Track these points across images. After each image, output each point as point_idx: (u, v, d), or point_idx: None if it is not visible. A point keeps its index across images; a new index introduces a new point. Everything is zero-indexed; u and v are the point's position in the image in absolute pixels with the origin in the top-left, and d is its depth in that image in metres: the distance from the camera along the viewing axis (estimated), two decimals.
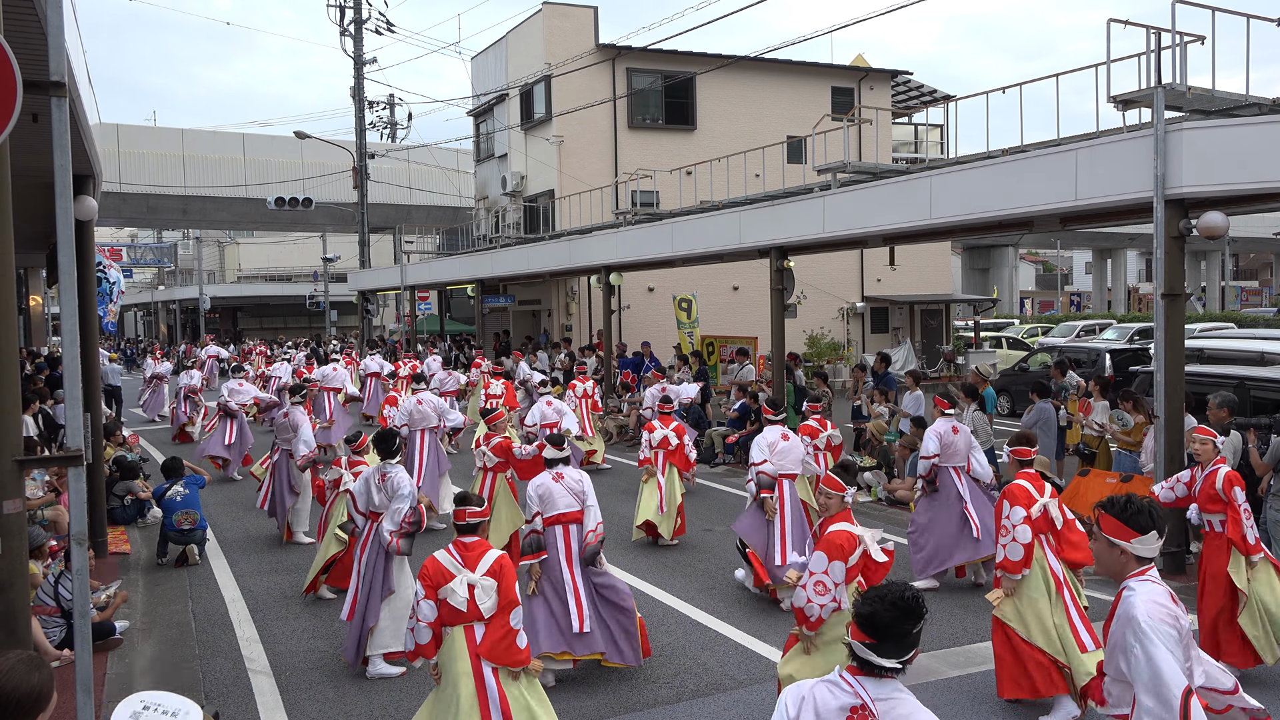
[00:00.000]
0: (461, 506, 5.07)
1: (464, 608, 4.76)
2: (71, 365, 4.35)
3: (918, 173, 12.77)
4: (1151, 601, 3.32)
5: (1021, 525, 6.01)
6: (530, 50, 26.68)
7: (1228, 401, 8.55)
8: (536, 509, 6.50)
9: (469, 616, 4.78)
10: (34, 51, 5.42)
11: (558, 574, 6.49)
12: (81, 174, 9.45)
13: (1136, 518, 3.54)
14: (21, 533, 4.40)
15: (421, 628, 4.79)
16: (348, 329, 46.70)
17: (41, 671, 2.73)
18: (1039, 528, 6.12)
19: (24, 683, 2.67)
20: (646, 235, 18.26)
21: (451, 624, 4.80)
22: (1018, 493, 6.20)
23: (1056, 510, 6.27)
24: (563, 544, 6.51)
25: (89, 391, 9.85)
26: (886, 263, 28.65)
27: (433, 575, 4.81)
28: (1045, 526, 6.19)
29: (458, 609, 4.76)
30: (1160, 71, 9.54)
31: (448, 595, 4.75)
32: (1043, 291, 68.80)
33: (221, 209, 37.79)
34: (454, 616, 4.79)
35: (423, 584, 4.81)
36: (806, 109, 26.43)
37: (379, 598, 6.75)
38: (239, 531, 11.29)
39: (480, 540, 4.99)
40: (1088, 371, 16.36)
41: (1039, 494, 6.25)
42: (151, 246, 60.59)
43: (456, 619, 4.79)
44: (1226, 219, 8.66)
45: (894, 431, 13.26)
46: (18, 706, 2.64)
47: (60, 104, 4.25)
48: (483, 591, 4.77)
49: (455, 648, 4.79)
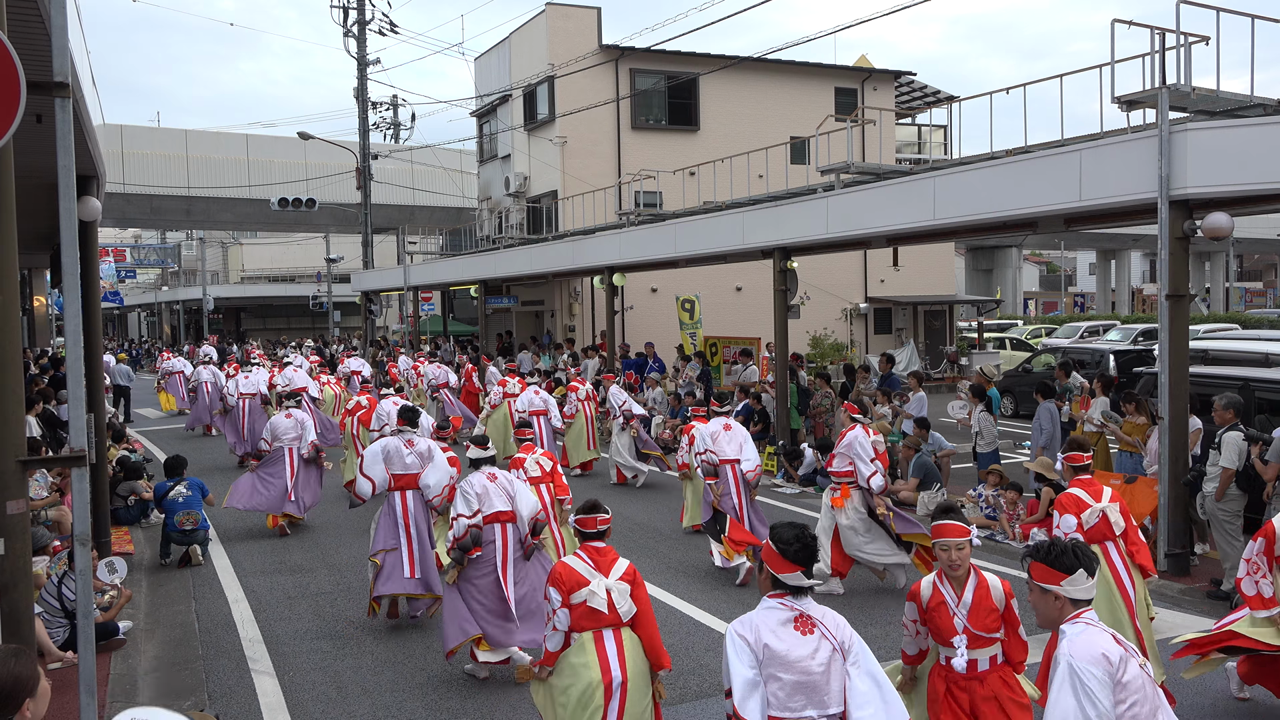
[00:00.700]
0: (590, 514, 5.03)
1: (605, 609, 4.75)
2: (75, 366, 4.35)
3: (921, 173, 12.76)
4: (1079, 641, 3.28)
5: (1074, 534, 5.93)
6: (533, 51, 26.69)
7: (1233, 403, 8.52)
8: (477, 506, 6.57)
9: (608, 620, 4.75)
10: (38, 52, 5.43)
11: (490, 567, 6.60)
12: (85, 175, 9.45)
13: (1061, 559, 3.52)
14: (25, 533, 4.40)
15: (557, 636, 4.76)
16: (351, 330, 46.72)
17: (20, 659, 2.74)
18: (1095, 535, 6.00)
19: (3, 671, 2.68)
20: (649, 236, 18.26)
21: (584, 629, 4.75)
22: (1067, 501, 6.10)
23: (1118, 514, 6.10)
24: (500, 541, 6.62)
25: (92, 392, 9.86)
26: (890, 263, 28.59)
27: (567, 581, 4.77)
28: (1105, 533, 6.05)
29: (598, 611, 4.74)
30: (1165, 72, 9.51)
31: (587, 598, 4.72)
32: (1046, 292, 68.72)
33: (225, 210, 37.81)
34: (591, 620, 4.75)
35: (558, 590, 4.75)
36: (810, 110, 26.41)
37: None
38: (242, 532, 11.30)
39: (609, 546, 5.00)
40: (1091, 372, 16.33)
41: (1095, 499, 6.10)
42: (155, 247, 60.62)
43: (593, 622, 4.75)
44: (1231, 220, 8.65)
45: (897, 432, 13.24)
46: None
47: (64, 105, 4.25)
48: (620, 596, 4.77)
49: (586, 652, 4.73)
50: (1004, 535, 10.28)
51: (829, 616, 3.75)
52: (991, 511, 10.72)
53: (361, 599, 8.58)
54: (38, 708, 2.76)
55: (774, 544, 3.79)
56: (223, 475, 14.79)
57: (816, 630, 3.67)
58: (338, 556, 10.10)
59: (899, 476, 12.48)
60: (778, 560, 3.75)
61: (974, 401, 12.40)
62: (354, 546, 10.47)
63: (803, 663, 3.62)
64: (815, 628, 3.68)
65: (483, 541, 6.59)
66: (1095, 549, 5.97)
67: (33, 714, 2.74)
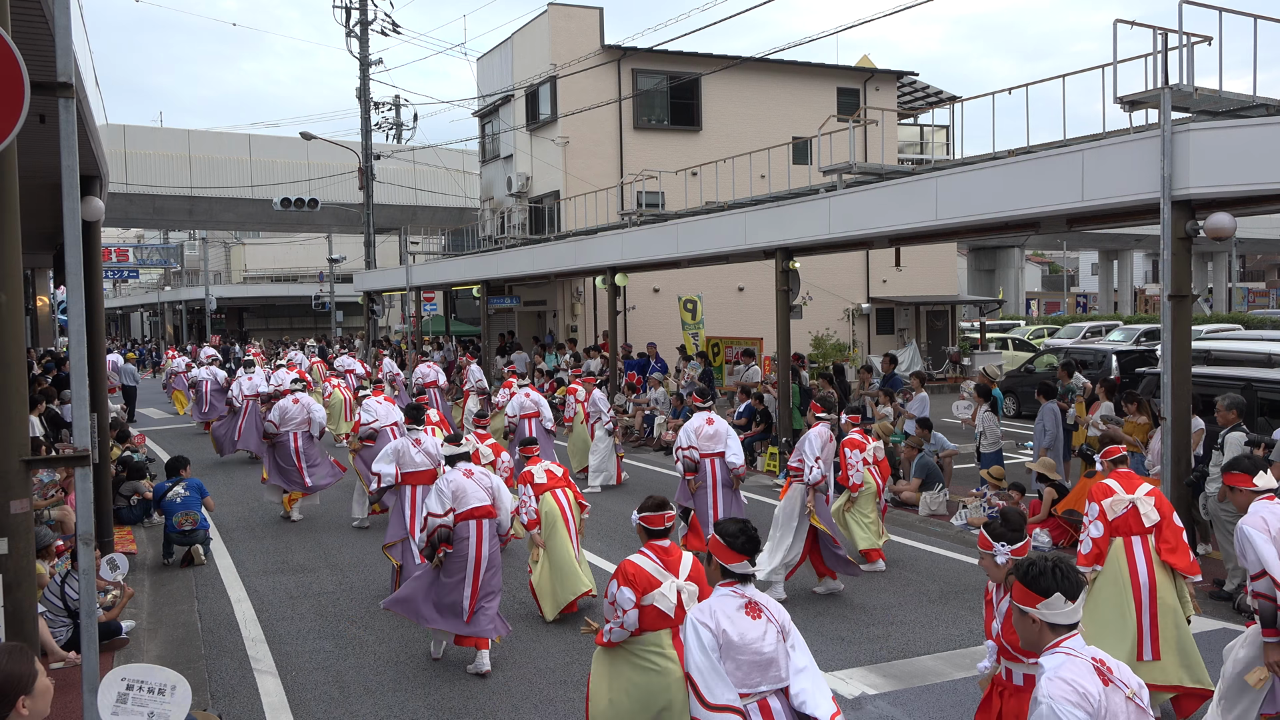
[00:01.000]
0: (657, 512, 4.98)
1: (672, 612, 4.75)
2: (78, 366, 4.35)
3: (923, 174, 12.76)
4: (1058, 679, 3.05)
5: (1095, 521, 5.93)
6: (536, 51, 26.70)
7: (1236, 404, 8.52)
8: (450, 504, 6.71)
9: (676, 620, 4.75)
10: (41, 52, 5.44)
11: (461, 565, 6.75)
12: (88, 175, 9.47)
13: (1038, 580, 3.23)
14: (28, 533, 4.41)
15: (623, 634, 4.76)
16: (353, 330, 46.77)
17: (14, 656, 2.74)
18: (1120, 526, 5.91)
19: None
20: (651, 236, 18.27)
21: (655, 629, 4.77)
22: (1095, 490, 6.07)
23: (1151, 508, 5.93)
24: (474, 538, 6.77)
25: (95, 392, 9.87)
26: (892, 264, 28.58)
27: (640, 582, 4.75)
28: (1132, 526, 5.91)
29: (665, 613, 4.75)
30: (1167, 72, 9.51)
31: (655, 600, 4.72)
32: (1048, 293, 68.65)
33: (227, 210, 37.84)
34: (659, 621, 4.76)
35: (633, 591, 4.72)
36: (812, 110, 26.41)
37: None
38: (245, 532, 11.31)
39: (674, 544, 5.00)
40: (1094, 373, 16.32)
41: (1128, 492, 5.99)
42: (158, 247, 60.69)
43: (661, 623, 4.76)
44: (1234, 220, 8.65)
45: (899, 433, 13.24)
46: None
47: (67, 105, 4.26)
48: (689, 596, 4.76)
49: (653, 652, 4.77)
50: None
51: (771, 603, 4.05)
52: (994, 512, 10.71)
53: (364, 598, 8.62)
54: (36, 706, 2.76)
55: (720, 537, 4.04)
56: (225, 473, 14.82)
57: (764, 615, 3.97)
58: (340, 556, 10.11)
59: (901, 477, 12.48)
60: (725, 551, 4.02)
61: (979, 401, 12.40)
62: (357, 546, 10.48)
63: (755, 644, 3.90)
64: (763, 612, 3.98)
65: (456, 539, 6.74)
66: (1118, 541, 5.91)
67: (31, 712, 2.74)
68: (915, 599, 8.42)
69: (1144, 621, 5.80)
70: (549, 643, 7.41)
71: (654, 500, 5.03)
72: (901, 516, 11.36)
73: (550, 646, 7.34)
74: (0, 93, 3.90)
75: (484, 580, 6.80)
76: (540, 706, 6.27)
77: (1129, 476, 6.15)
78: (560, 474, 8.23)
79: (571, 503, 8.06)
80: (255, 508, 12.56)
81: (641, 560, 4.84)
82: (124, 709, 4.35)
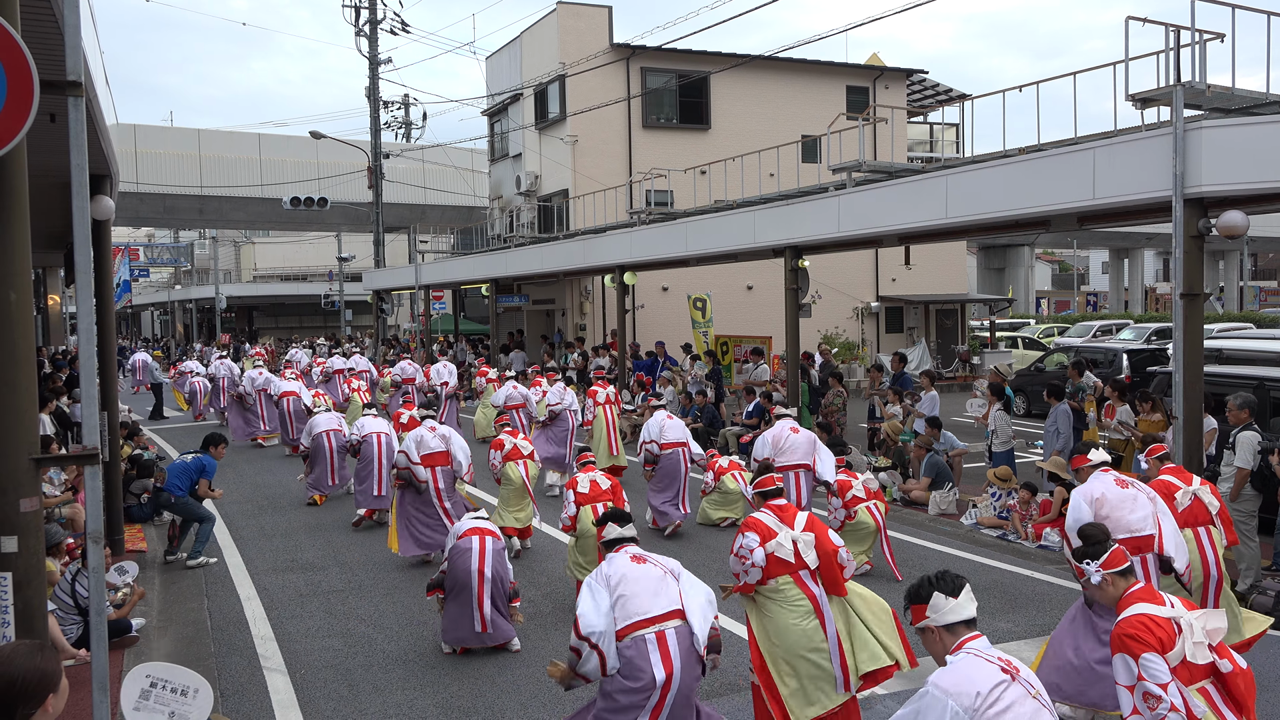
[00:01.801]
0: (766, 474, 5.84)
1: (791, 559, 5.29)
2: (88, 364, 4.36)
3: (933, 172, 12.71)
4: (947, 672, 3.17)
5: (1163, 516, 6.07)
6: (544, 50, 26.70)
7: (1248, 402, 8.46)
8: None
9: (795, 567, 5.29)
10: (51, 51, 5.45)
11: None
12: (98, 174, 9.49)
13: (917, 593, 3.47)
14: (38, 531, 4.41)
15: (755, 572, 5.28)
16: (363, 328, 46.85)
17: (44, 653, 2.75)
18: (1188, 519, 6.10)
19: (28, 664, 2.69)
20: (660, 235, 18.25)
21: (777, 574, 5.27)
22: (1158, 487, 6.20)
23: (1210, 496, 6.28)
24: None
25: (105, 390, 9.90)
26: (901, 262, 28.54)
27: (760, 531, 5.35)
28: (1200, 516, 6.16)
29: (785, 560, 5.28)
30: (1179, 69, 9.46)
31: (775, 549, 5.29)
32: (1059, 291, 68.42)
33: (237, 209, 37.95)
34: (781, 567, 5.27)
35: (757, 534, 5.30)
36: (821, 108, 26.35)
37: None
38: (254, 530, 11.33)
39: (789, 503, 5.66)
40: (1105, 372, 16.25)
41: (1185, 483, 6.28)
42: (168, 246, 60.93)
43: (783, 569, 5.27)
44: (1246, 218, 8.59)
45: (909, 431, 13.20)
46: (23, 689, 2.66)
47: (77, 104, 4.26)
48: (805, 545, 5.32)
49: (790, 592, 5.27)
50: (1016, 535, 10.24)
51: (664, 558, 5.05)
52: (1005, 512, 10.67)
53: (373, 597, 8.63)
54: (58, 704, 2.77)
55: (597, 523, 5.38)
56: (234, 471, 14.84)
57: (649, 561, 4.96)
58: (349, 555, 10.12)
59: (910, 476, 12.45)
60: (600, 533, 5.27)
61: (991, 400, 12.38)
62: (366, 545, 10.50)
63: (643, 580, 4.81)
64: (648, 560, 4.97)
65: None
66: (1187, 534, 6.04)
67: (53, 709, 2.75)
68: None
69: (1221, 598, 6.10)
70: (558, 641, 7.40)
71: (761, 465, 5.97)
72: (911, 515, 11.32)
73: (560, 645, 7.33)
74: (10, 91, 3.90)
75: (490, 594, 7.09)
76: (549, 705, 6.26)
77: (1180, 470, 6.40)
78: (606, 486, 8.24)
79: None
80: (265, 505, 12.59)
81: (762, 516, 5.48)
82: (145, 705, 4.36)
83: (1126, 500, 5.75)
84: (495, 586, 7.10)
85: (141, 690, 4.40)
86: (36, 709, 2.68)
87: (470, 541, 7.12)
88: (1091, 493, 5.84)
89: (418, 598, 8.53)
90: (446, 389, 17.94)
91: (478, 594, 6.98)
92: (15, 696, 2.64)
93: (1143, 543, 5.67)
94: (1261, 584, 7.88)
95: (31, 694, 2.67)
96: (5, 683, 2.65)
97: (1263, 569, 8.21)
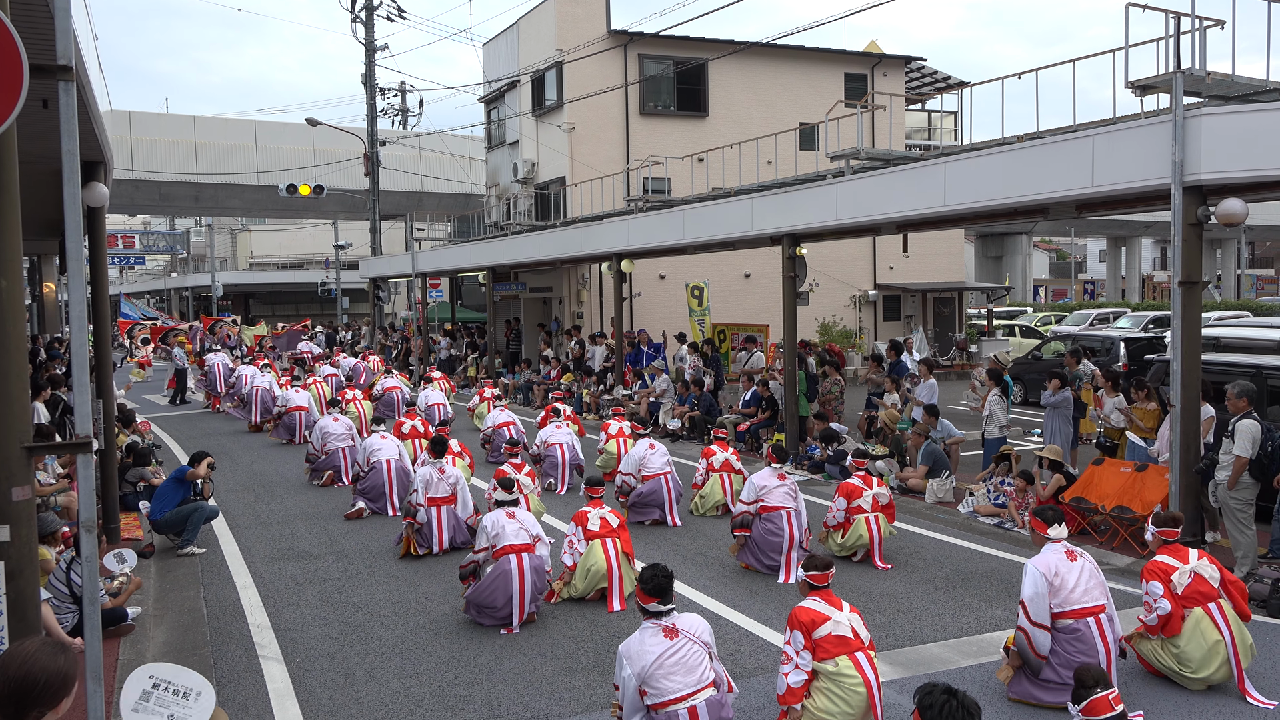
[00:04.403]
0: (823, 571, 5.59)
1: (851, 635, 5.40)
2: (79, 352, 4.33)
3: (932, 159, 12.65)
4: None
5: (1161, 599, 6.14)
6: (542, 36, 26.57)
7: (1246, 391, 8.45)
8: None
9: (854, 646, 5.38)
10: (42, 35, 5.38)
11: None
12: (92, 160, 9.43)
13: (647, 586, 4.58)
14: (30, 520, 4.38)
15: (799, 674, 5.33)
16: (359, 316, 46.79)
17: (66, 654, 2.73)
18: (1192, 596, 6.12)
19: (51, 665, 2.67)
20: (658, 222, 18.19)
21: (834, 655, 5.32)
22: (1153, 568, 6.27)
23: (1210, 568, 6.27)
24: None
25: (100, 378, 9.86)
26: (900, 250, 28.49)
27: (807, 621, 5.39)
28: (1205, 590, 6.16)
29: (845, 637, 5.38)
30: (1179, 56, 9.41)
31: (832, 629, 5.37)
32: (1056, 279, 68.43)
33: (233, 196, 37.84)
34: (841, 646, 5.35)
35: (802, 633, 5.36)
36: (819, 95, 26.26)
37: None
38: (251, 518, 11.31)
39: (829, 589, 5.60)
40: (1102, 360, 16.25)
41: (1184, 561, 6.25)
42: (164, 234, 60.62)
43: (841, 649, 5.34)
44: (1245, 206, 8.55)
45: (906, 420, 13.19)
46: (44, 689, 2.64)
47: (67, 88, 4.22)
48: (859, 626, 5.48)
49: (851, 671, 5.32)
50: (1013, 523, 10.24)
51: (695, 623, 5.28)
52: (1001, 499, 10.67)
53: (369, 585, 8.63)
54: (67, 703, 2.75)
55: (640, 585, 5.35)
56: (231, 460, 14.82)
57: (681, 635, 5.17)
58: (346, 543, 10.11)
59: (907, 464, 12.44)
60: (641, 595, 5.33)
61: (990, 385, 12.40)
62: (362, 533, 10.49)
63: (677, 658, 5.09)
64: (680, 634, 5.17)
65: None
66: (1197, 612, 6.09)
67: (63, 710, 2.73)
68: (922, 587, 8.39)
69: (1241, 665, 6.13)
70: (554, 630, 7.40)
71: (819, 561, 5.66)
72: (908, 504, 11.32)
73: (556, 634, 7.33)
74: None
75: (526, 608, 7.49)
76: (545, 693, 6.26)
77: (1176, 549, 6.34)
78: (616, 524, 8.18)
79: (619, 554, 8.01)
80: (261, 493, 12.57)
81: (809, 603, 5.51)
82: (145, 706, 4.33)
83: (1074, 572, 5.98)
84: (532, 596, 7.49)
85: (142, 691, 4.38)
86: (51, 709, 2.66)
87: (509, 562, 7.37)
88: (1048, 564, 5.97)
89: (415, 586, 8.54)
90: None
91: (518, 614, 7.39)
92: (34, 698, 2.61)
93: (1092, 611, 5.93)
94: (1258, 571, 7.88)
95: (49, 696, 2.65)
96: (27, 683, 2.61)
97: (1259, 557, 8.22)
